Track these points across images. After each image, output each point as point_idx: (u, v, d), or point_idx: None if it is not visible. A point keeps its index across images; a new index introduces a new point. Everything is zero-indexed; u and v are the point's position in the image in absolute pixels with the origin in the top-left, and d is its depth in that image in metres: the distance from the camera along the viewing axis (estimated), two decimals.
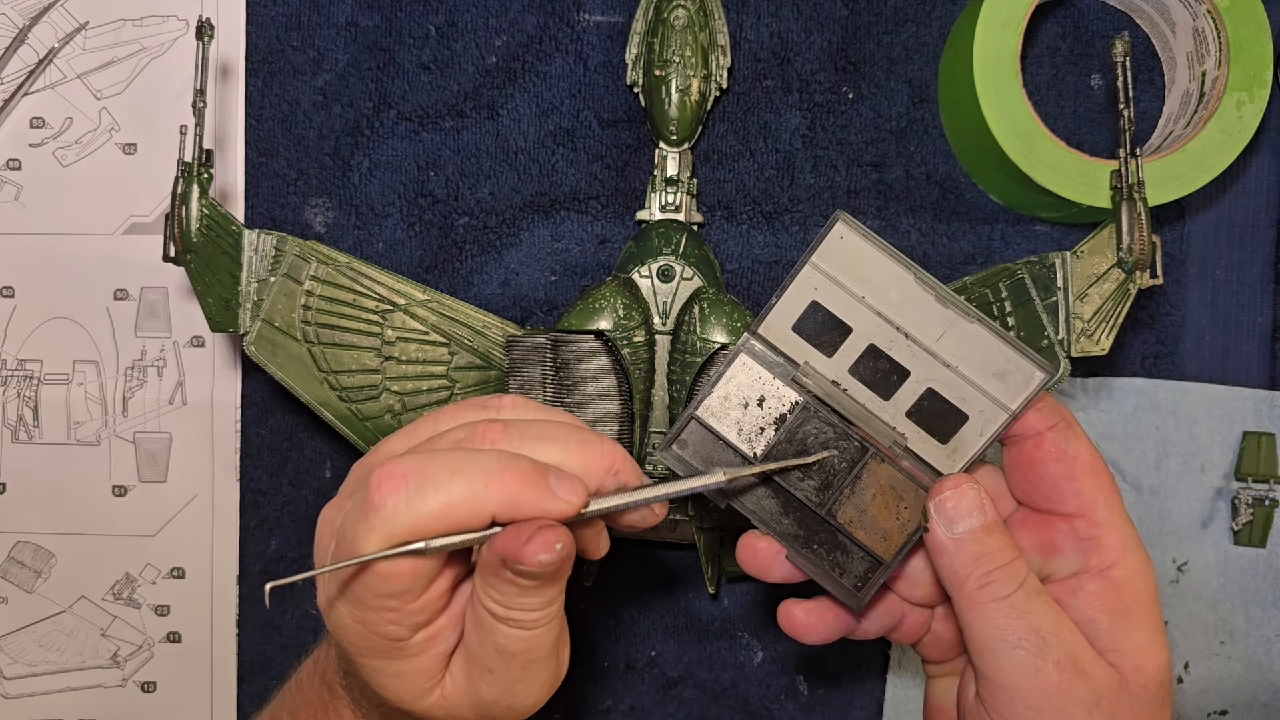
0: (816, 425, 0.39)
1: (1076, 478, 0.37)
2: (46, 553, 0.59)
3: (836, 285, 0.37)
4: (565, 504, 0.34)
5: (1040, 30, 0.57)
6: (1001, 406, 0.37)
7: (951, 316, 0.37)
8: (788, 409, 0.39)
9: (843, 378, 0.38)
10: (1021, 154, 0.51)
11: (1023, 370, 0.37)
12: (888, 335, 0.37)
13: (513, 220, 0.58)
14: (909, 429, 0.38)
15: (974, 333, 0.37)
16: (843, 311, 0.38)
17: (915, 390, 0.38)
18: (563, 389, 0.50)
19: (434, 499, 0.33)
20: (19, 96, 0.58)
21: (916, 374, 0.38)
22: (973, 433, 0.38)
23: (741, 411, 0.39)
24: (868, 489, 0.39)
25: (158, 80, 0.58)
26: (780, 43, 0.57)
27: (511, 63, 0.58)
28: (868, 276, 0.37)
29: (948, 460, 0.38)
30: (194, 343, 0.59)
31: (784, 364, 0.39)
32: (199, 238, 0.49)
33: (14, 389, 0.59)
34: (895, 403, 0.38)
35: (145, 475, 0.59)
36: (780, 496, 0.39)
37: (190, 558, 0.59)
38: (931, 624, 0.42)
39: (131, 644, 0.59)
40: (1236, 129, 0.51)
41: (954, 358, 0.37)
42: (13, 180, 0.59)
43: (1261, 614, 0.57)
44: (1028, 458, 0.38)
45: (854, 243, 0.37)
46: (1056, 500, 0.38)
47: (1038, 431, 0.38)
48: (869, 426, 0.38)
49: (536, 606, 0.35)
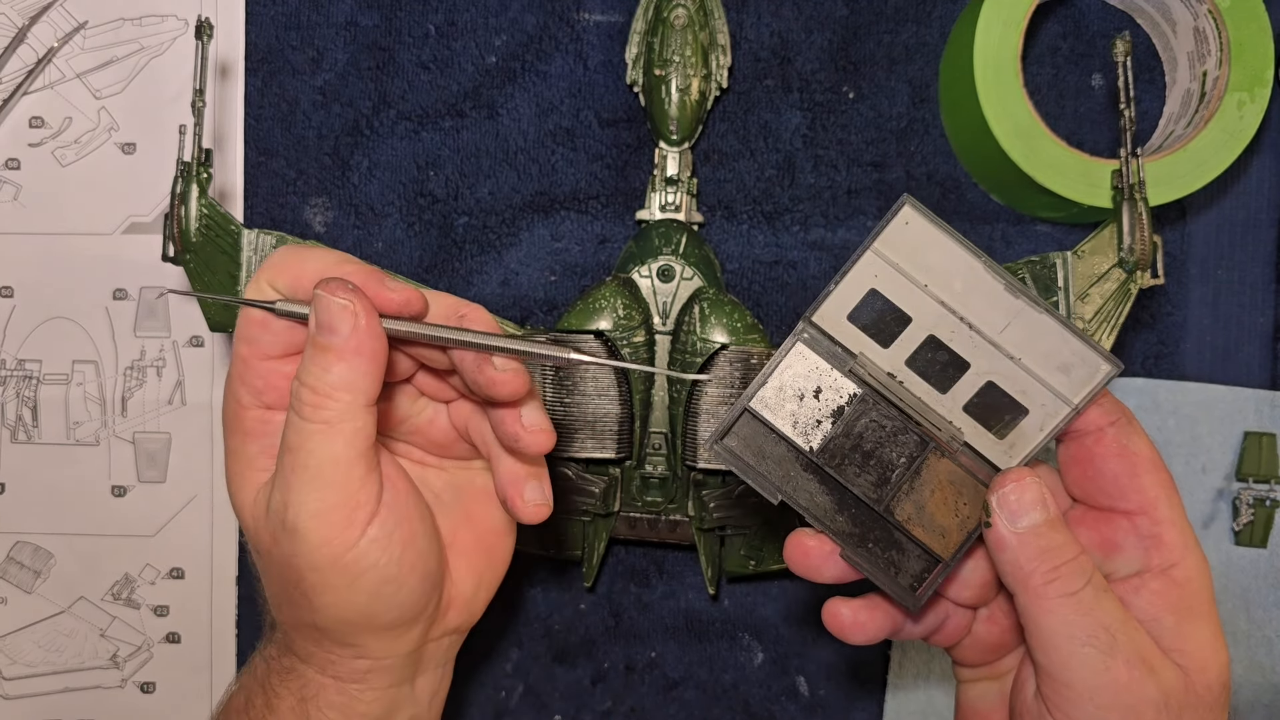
0: (876, 418, 0.37)
1: (1138, 474, 0.37)
2: (45, 553, 0.59)
3: (898, 273, 0.36)
4: (395, 293, 0.36)
5: (1041, 30, 0.57)
6: (1064, 400, 0.36)
7: (1020, 306, 0.36)
8: (845, 401, 0.37)
9: (899, 370, 0.37)
10: (1022, 154, 0.51)
11: (1088, 363, 0.36)
12: (949, 325, 0.36)
13: (512, 220, 0.57)
14: (966, 423, 0.37)
15: (1042, 324, 0.36)
16: (903, 300, 0.36)
17: (974, 383, 0.37)
18: (563, 389, 0.50)
19: (302, 264, 0.37)
20: (18, 96, 0.58)
21: (977, 366, 0.36)
22: (1032, 427, 0.37)
23: (797, 403, 0.37)
24: (927, 485, 0.38)
25: (157, 80, 0.58)
26: (780, 42, 0.57)
27: (511, 62, 0.57)
28: (931, 264, 0.36)
29: (1005, 455, 0.37)
30: (193, 343, 0.59)
31: (841, 354, 0.37)
32: (198, 237, 0.49)
33: (13, 389, 0.59)
34: (953, 396, 0.37)
35: (144, 475, 0.59)
36: (835, 493, 0.38)
37: (189, 558, 0.59)
38: (973, 626, 0.41)
39: (131, 645, 0.59)
40: (1237, 129, 0.51)
41: (1017, 349, 0.36)
42: (12, 180, 0.59)
43: (1263, 614, 0.57)
44: (1087, 453, 0.37)
45: (920, 227, 0.36)
46: (1117, 497, 0.37)
47: (1098, 427, 0.37)
48: (927, 418, 0.37)
49: (320, 380, 0.35)
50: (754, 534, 0.52)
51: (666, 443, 0.52)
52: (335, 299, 0.35)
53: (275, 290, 0.37)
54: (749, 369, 0.49)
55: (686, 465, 0.51)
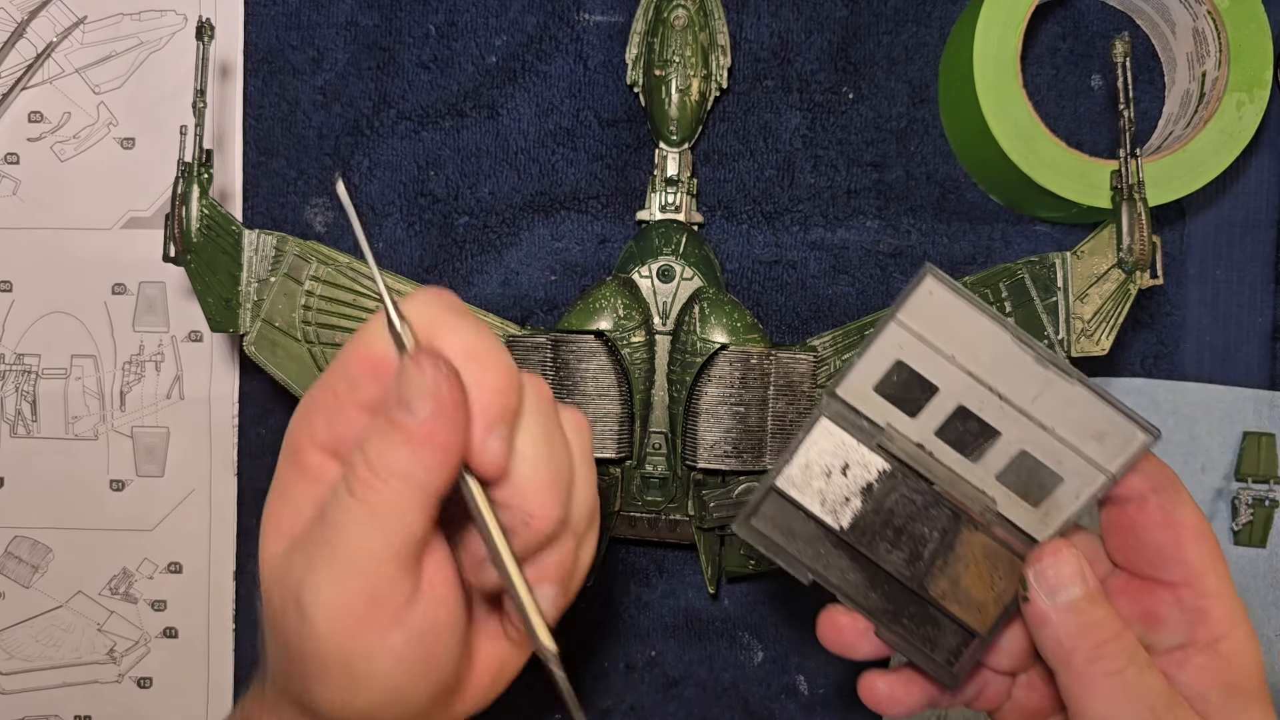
0: (905, 493, 0.36)
1: (1183, 545, 0.35)
2: (44, 547, 0.59)
3: (923, 343, 0.35)
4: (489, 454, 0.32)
5: (1040, 30, 0.57)
6: (1100, 469, 0.35)
7: (1050, 377, 0.34)
8: (874, 477, 0.36)
9: (928, 440, 0.36)
10: (1021, 154, 0.51)
11: (1123, 431, 0.34)
12: (978, 395, 0.35)
13: (513, 220, 0.58)
14: (999, 492, 0.36)
15: (1074, 393, 0.34)
16: (929, 371, 0.35)
17: (1007, 452, 0.35)
18: (563, 389, 0.50)
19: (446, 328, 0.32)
20: (17, 90, 0.58)
21: (1008, 435, 0.35)
22: (1068, 496, 0.35)
23: (824, 480, 0.36)
24: (961, 559, 0.36)
25: (156, 75, 0.58)
26: (780, 43, 0.57)
27: (511, 62, 0.58)
28: (957, 334, 0.35)
29: (1040, 524, 0.36)
30: (192, 337, 0.59)
31: (868, 428, 0.36)
32: (199, 238, 0.49)
33: (12, 383, 0.59)
34: (984, 465, 0.36)
35: (143, 470, 0.59)
36: (867, 570, 0.37)
37: (188, 553, 0.59)
38: (1013, 691, 0.40)
39: (128, 639, 0.59)
40: (1236, 129, 0.51)
41: (1049, 418, 0.35)
42: (11, 175, 0.59)
43: (1262, 614, 0.57)
44: (1129, 521, 0.36)
45: (944, 298, 0.35)
46: (1161, 568, 0.36)
47: (1140, 494, 0.36)
48: (957, 491, 0.36)
49: (379, 458, 0.31)
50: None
51: (666, 443, 0.52)
52: (424, 376, 0.30)
53: (407, 333, 0.32)
54: (749, 369, 0.49)
55: (686, 465, 0.51)
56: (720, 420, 0.49)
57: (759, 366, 0.49)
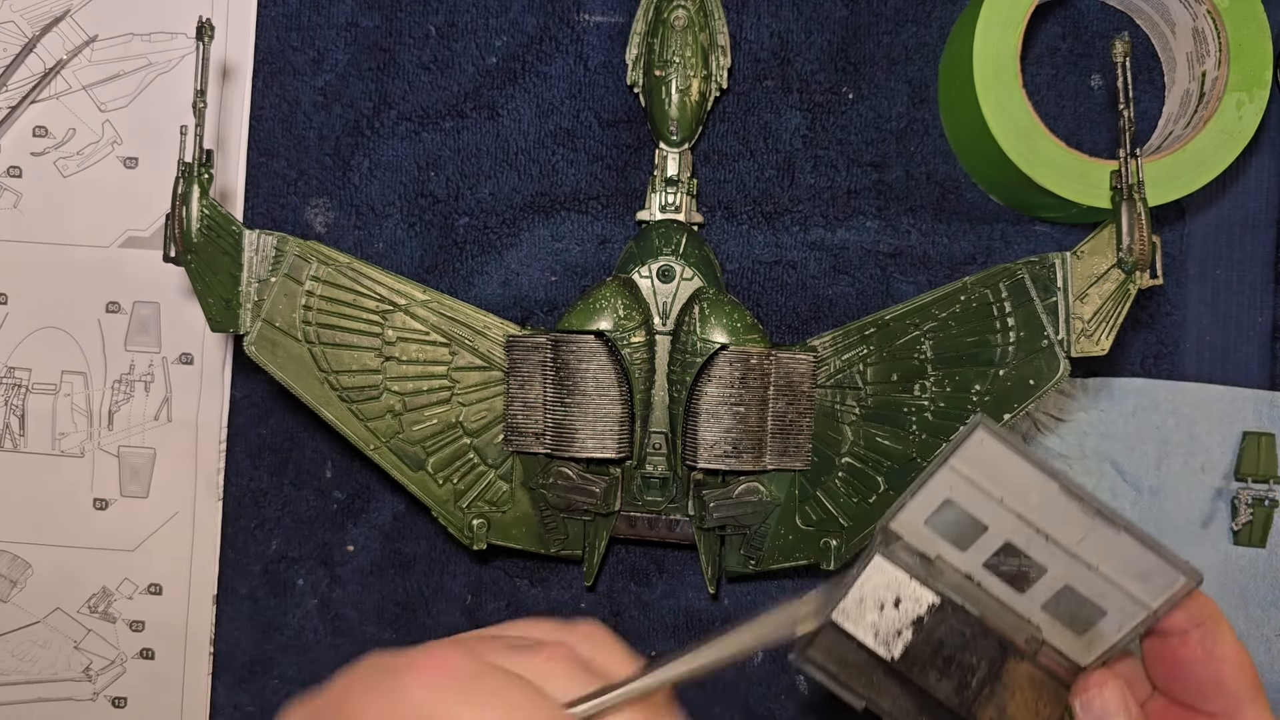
0: (954, 625, 0.38)
1: (1223, 679, 0.36)
2: (23, 563, 0.59)
3: (973, 486, 0.37)
4: None
5: (1040, 30, 0.57)
6: (1142, 605, 0.37)
7: (1096, 525, 0.36)
8: (925, 611, 0.38)
9: (976, 572, 0.38)
10: (1021, 154, 0.51)
11: (1166, 575, 0.36)
12: (1025, 534, 0.37)
13: (513, 220, 0.58)
14: (1044, 620, 0.38)
15: (1119, 539, 0.36)
16: (978, 510, 0.37)
17: (1052, 586, 0.37)
18: (563, 389, 0.50)
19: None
20: (25, 105, 0.58)
21: (1053, 571, 0.37)
22: (1111, 627, 0.37)
23: (878, 614, 0.38)
24: (1007, 688, 0.38)
25: (163, 96, 0.58)
26: (780, 43, 0.57)
27: (512, 63, 0.58)
28: (1007, 480, 0.36)
29: (1084, 651, 0.38)
30: (183, 359, 0.58)
31: (918, 563, 0.38)
32: (199, 238, 0.49)
33: (1, 396, 0.59)
34: (1030, 597, 0.37)
35: (127, 490, 0.59)
36: (917, 697, 0.38)
37: (168, 575, 0.59)
38: None
39: (104, 658, 0.59)
40: (1236, 129, 0.51)
41: (1094, 558, 0.37)
42: (13, 188, 0.59)
43: (1261, 614, 0.57)
44: (1172, 654, 0.37)
45: (994, 448, 0.36)
46: (1201, 699, 0.37)
47: (1182, 629, 0.37)
48: (1003, 620, 0.38)
49: None
50: (754, 534, 0.52)
51: (667, 442, 0.52)
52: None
53: None
54: (749, 369, 0.49)
55: (686, 465, 0.51)
56: (720, 420, 0.49)
57: (759, 366, 0.49)
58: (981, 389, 0.49)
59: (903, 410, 0.50)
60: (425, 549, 0.59)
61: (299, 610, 0.59)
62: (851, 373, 0.51)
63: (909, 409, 0.50)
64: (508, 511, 0.53)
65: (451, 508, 0.52)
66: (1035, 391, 0.48)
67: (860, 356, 0.51)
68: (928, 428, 0.50)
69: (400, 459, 0.52)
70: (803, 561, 0.52)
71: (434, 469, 0.52)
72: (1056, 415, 0.57)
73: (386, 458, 0.51)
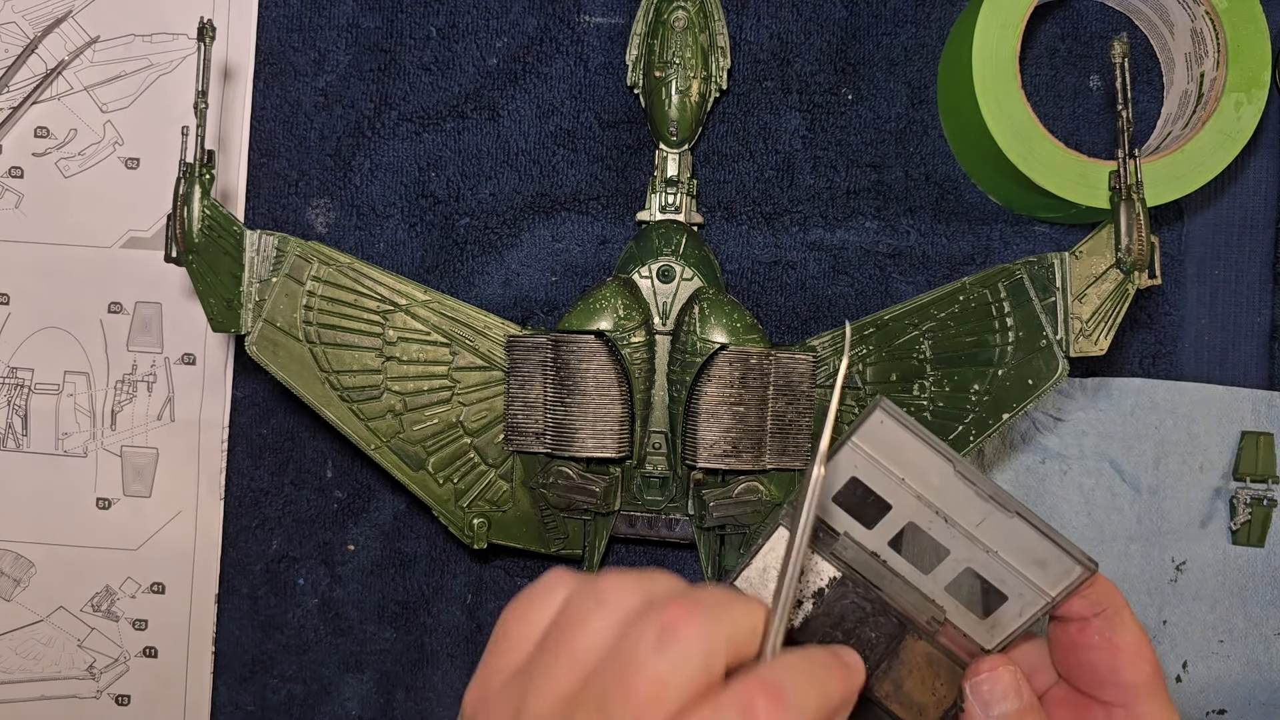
0: (854, 601, 0.39)
1: (1119, 668, 0.37)
2: (26, 562, 0.59)
3: (876, 465, 0.37)
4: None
5: (1039, 31, 0.57)
6: (1040, 593, 0.37)
7: (990, 509, 0.37)
8: (825, 584, 0.39)
9: (883, 550, 0.38)
10: (1020, 154, 0.51)
11: (1062, 562, 0.37)
12: (927, 515, 0.37)
13: (513, 221, 0.58)
14: (948, 602, 0.38)
15: (1013, 525, 0.37)
16: (882, 489, 0.38)
17: (955, 568, 0.38)
18: (563, 389, 0.50)
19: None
20: (26, 106, 0.58)
21: (956, 553, 0.37)
22: (1011, 613, 0.38)
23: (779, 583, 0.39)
24: (904, 664, 0.39)
25: (164, 97, 0.58)
26: (780, 44, 0.57)
27: (512, 64, 0.58)
28: (908, 460, 0.37)
29: (987, 634, 0.38)
30: (185, 360, 0.59)
31: (823, 537, 0.38)
32: (201, 238, 0.49)
33: (4, 396, 0.59)
34: (934, 577, 0.38)
35: (130, 489, 0.59)
36: None
37: (171, 574, 0.59)
38: None
39: (108, 657, 0.59)
40: (1235, 130, 0.51)
41: (994, 543, 0.37)
42: (14, 188, 0.59)
43: (1260, 613, 0.57)
44: (1071, 640, 0.37)
45: (893, 429, 0.37)
46: (1097, 687, 0.37)
47: (1082, 616, 0.37)
48: (907, 599, 0.38)
49: None
50: (754, 534, 0.53)
51: (666, 442, 0.52)
52: None
53: None
54: (748, 369, 0.49)
55: (686, 465, 0.51)
56: (720, 420, 0.49)
57: (759, 366, 0.50)
58: (980, 389, 0.49)
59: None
60: (426, 548, 0.59)
61: (300, 609, 0.59)
62: (851, 372, 0.51)
63: (908, 409, 0.50)
64: (508, 511, 0.53)
65: (452, 507, 0.52)
66: (1034, 391, 0.48)
67: (860, 356, 0.51)
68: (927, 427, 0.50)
69: (401, 459, 0.52)
70: None
71: (434, 468, 0.52)
72: (1055, 415, 0.57)
73: (387, 457, 0.52)
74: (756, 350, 0.49)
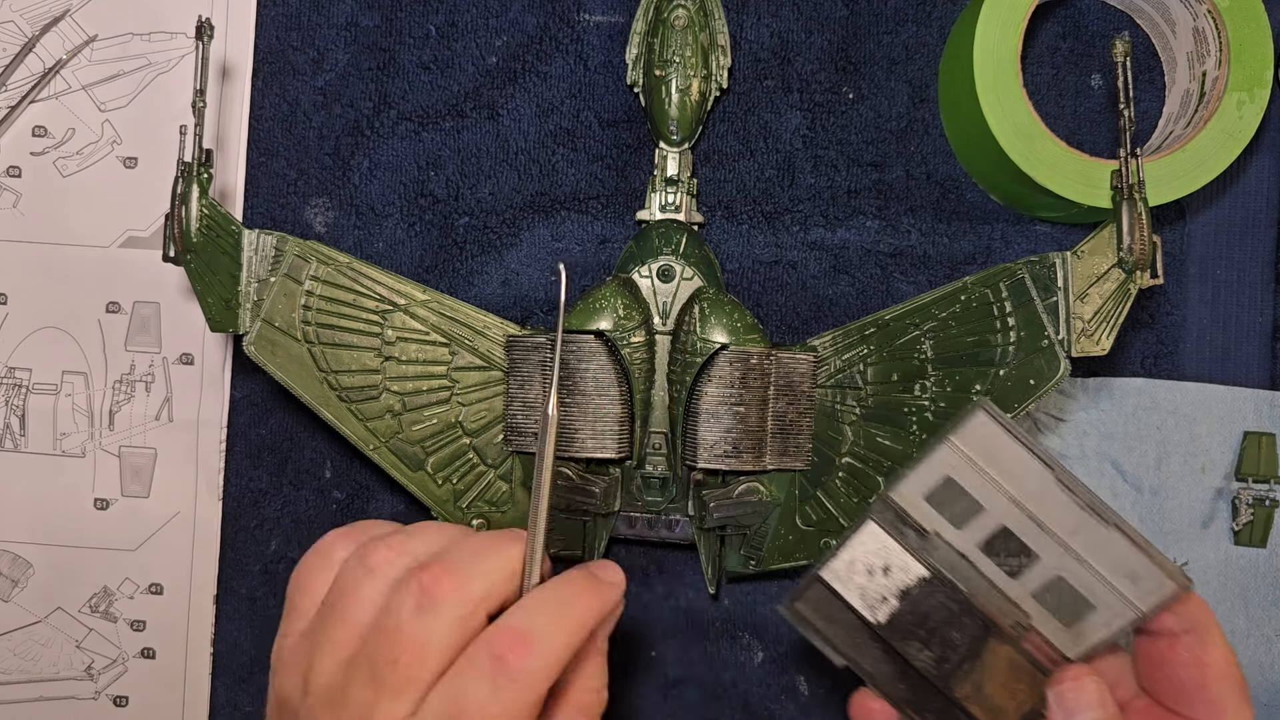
0: (940, 601, 0.39)
1: (1207, 685, 0.36)
2: (24, 562, 0.59)
3: (973, 466, 0.38)
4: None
5: (1040, 30, 0.57)
6: (1131, 606, 0.37)
7: (1088, 519, 0.37)
8: (913, 582, 0.39)
9: (971, 552, 0.38)
10: (1021, 154, 0.51)
11: (1155, 578, 0.37)
12: (1020, 520, 0.37)
13: (513, 220, 0.58)
14: (1034, 608, 0.38)
15: (1110, 537, 0.37)
16: (977, 491, 0.38)
17: (1044, 575, 0.38)
18: (563, 389, 0.50)
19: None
20: (24, 105, 0.58)
21: (1047, 560, 0.37)
22: (1098, 623, 0.38)
23: (867, 578, 0.39)
24: (986, 667, 0.39)
25: (162, 96, 0.58)
26: (780, 43, 0.57)
27: (512, 63, 0.58)
28: (1005, 464, 0.37)
29: (1071, 643, 0.38)
30: (183, 360, 0.58)
31: (913, 533, 0.39)
32: (199, 237, 0.49)
33: (2, 396, 0.59)
34: (1022, 582, 0.38)
35: (128, 490, 0.59)
36: (897, 662, 0.39)
37: (169, 575, 0.59)
38: None
39: (106, 658, 0.59)
40: (1237, 129, 0.51)
41: (1086, 552, 0.37)
42: (12, 188, 0.59)
43: (1262, 614, 0.57)
44: (1159, 655, 0.37)
45: (993, 431, 0.37)
46: (1184, 704, 0.37)
47: (1171, 632, 0.37)
48: (992, 602, 0.38)
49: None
50: (754, 534, 0.52)
51: (666, 443, 0.52)
52: None
53: None
54: (749, 369, 0.49)
55: (686, 465, 0.51)
56: (720, 420, 0.49)
57: (759, 366, 0.49)
58: (982, 389, 0.49)
59: (903, 410, 0.50)
60: None
61: None
62: (852, 373, 0.51)
63: (909, 409, 0.50)
64: (507, 511, 0.53)
65: (451, 508, 0.52)
66: (1035, 391, 0.48)
67: (860, 356, 0.51)
68: (928, 428, 0.50)
69: (400, 459, 0.52)
70: (803, 562, 0.52)
71: (433, 469, 0.52)
72: (1057, 415, 0.57)
73: (386, 458, 0.51)
74: (757, 350, 0.49)
